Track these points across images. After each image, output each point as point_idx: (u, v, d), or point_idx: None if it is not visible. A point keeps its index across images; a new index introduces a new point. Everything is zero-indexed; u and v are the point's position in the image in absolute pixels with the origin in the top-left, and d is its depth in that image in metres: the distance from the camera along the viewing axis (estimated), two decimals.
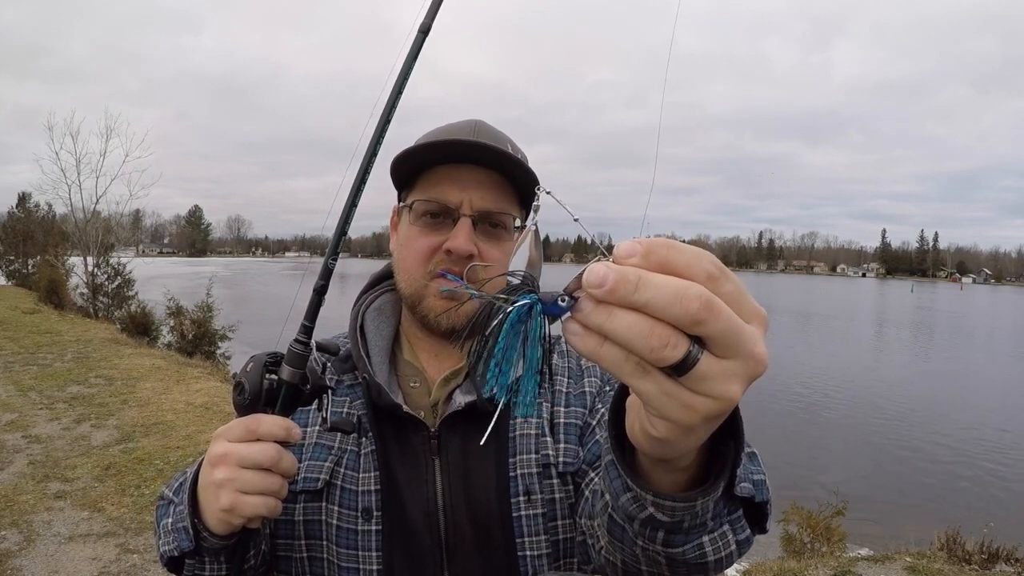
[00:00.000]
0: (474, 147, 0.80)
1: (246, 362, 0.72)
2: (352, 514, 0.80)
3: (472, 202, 0.81)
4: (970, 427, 12.74)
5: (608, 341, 0.34)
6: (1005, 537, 4.54)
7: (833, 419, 12.90)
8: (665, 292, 0.32)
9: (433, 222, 0.82)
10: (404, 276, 0.85)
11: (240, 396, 0.70)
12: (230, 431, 0.68)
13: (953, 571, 4.08)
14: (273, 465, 0.66)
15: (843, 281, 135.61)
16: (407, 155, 0.82)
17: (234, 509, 0.66)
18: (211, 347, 12.21)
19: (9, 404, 6.91)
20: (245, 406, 0.70)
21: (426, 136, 0.87)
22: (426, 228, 0.82)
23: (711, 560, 0.53)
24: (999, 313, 51.01)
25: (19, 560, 3.66)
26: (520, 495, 0.79)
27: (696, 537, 0.52)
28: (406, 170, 0.86)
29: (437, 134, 0.86)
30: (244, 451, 0.66)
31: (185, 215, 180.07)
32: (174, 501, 0.77)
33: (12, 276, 24.82)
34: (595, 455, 0.80)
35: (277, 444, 0.67)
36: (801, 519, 5.19)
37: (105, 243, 17.51)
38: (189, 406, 7.02)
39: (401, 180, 0.88)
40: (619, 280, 0.33)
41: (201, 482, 0.70)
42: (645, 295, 0.32)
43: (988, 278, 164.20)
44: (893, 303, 60.52)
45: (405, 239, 0.84)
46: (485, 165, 0.82)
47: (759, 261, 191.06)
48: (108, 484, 4.81)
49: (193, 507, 0.71)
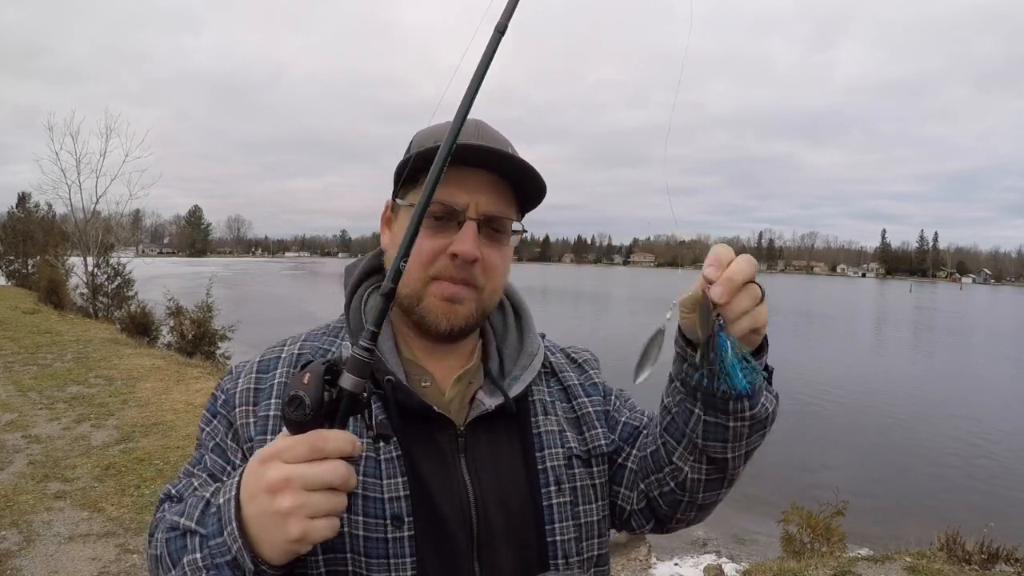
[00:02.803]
0: (494, 155, 0.81)
1: (298, 373, 0.64)
2: (380, 523, 0.77)
3: (478, 206, 0.82)
4: (970, 427, 12.74)
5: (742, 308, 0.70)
6: (1005, 537, 4.55)
7: (833, 419, 12.90)
8: (751, 282, 0.71)
9: (437, 224, 0.81)
10: (403, 277, 0.81)
11: (300, 412, 0.62)
12: (289, 451, 0.61)
13: (953, 571, 4.08)
14: (343, 484, 0.62)
15: (843, 281, 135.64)
16: (427, 156, 0.77)
17: (304, 538, 0.61)
18: (211, 347, 12.20)
19: (9, 404, 6.91)
20: (305, 423, 0.62)
21: (430, 134, 0.85)
22: (430, 230, 0.81)
23: (771, 412, 0.82)
24: (999, 313, 51.02)
25: (19, 560, 3.66)
26: (551, 485, 0.86)
27: (762, 396, 0.80)
28: (410, 168, 0.84)
29: (440, 133, 0.82)
30: (311, 472, 0.61)
31: (185, 215, 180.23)
32: (200, 532, 0.69)
33: (12, 276, 24.84)
34: (629, 432, 0.95)
35: (344, 460, 0.63)
36: (801, 519, 5.19)
37: (105, 243, 17.50)
38: (189, 406, 7.02)
39: (402, 178, 0.87)
40: (735, 287, 0.69)
41: (254, 511, 0.63)
42: (747, 283, 0.70)
43: (988, 278, 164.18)
44: (892, 303, 60.53)
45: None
46: (490, 168, 0.82)
47: (759, 261, 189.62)
48: (108, 484, 4.81)
49: (243, 538, 0.64)
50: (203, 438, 0.86)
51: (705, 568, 5.67)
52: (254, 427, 0.81)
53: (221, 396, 0.85)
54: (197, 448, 0.87)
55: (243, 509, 0.64)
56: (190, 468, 0.84)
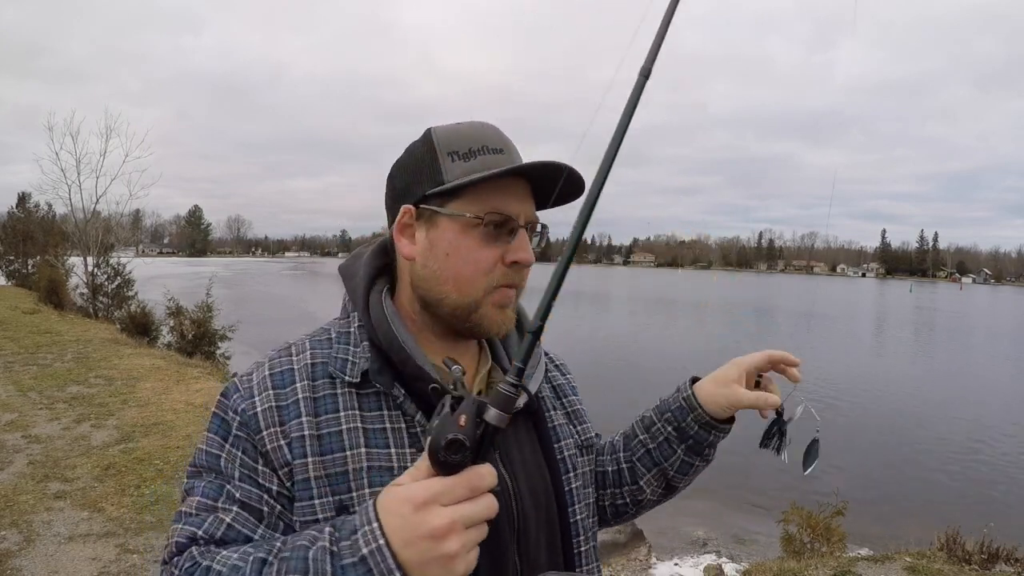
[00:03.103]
0: (557, 170, 0.81)
1: (444, 414, 0.63)
2: None
3: (525, 214, 0.84)
4: (970, 427, 12.74)
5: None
6: (1005, 537, 4.54)
7: (833, 419, 12.89)
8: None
9: (494, 233, 0.82)
10: (455, 287, 0.82)
11: (460, 455, 0.60)
12: (449, 495, 0.61)
13: (953, 571, 4.08)
14: (492, 515, 0.63)
15: (843, 281, 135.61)
16: (499, 173, 0.80)
17: (465, 574, 0.62)
18: (211, 347, 12.20)
19: (9, 404, 6.91)
20: (462, 463, 0.61)
21: (458, 136, 0.84)
22: (486, 239, 0.81)
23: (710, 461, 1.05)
24: (999, 313, 51.01)
25: (19, 560, 3.66)
26: (570, 472, 0.94)
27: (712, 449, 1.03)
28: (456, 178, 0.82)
29: (471, 138, 0.83)
30: (472, 512, 0.61)
31: (185, 215, 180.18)
32: None
33: (12, 276, 24.81)
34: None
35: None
36: (801, 519, 5.19)
37: (105, 243, 17.49)
38: (189, 406, 7.02)
39: (435, 185, 0.83)
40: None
41: (415, 558, 0.61)
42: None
43: (988, 278, 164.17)
44: (893, 303, 60.52)
45: (458, 248, 0.81)
46: (527, 177, 0.84)
47: (759, 261, 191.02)
48: (108, 484, 4.81)
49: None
50: (222, 465, 0.78)
51: (705, 568, 5.67)
52: (290, 450, 0.77)
53: (235, 417, 0.79)
54: (209, 476, 0.79)
55: (397, 556, 0.62)
56: (208, 502, 0.77)
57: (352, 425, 0.79)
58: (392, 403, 0.81)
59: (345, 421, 0.79)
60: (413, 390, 0.81)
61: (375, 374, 0.80)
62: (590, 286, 67.16)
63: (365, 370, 0.80)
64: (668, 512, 7.92)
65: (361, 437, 0.79)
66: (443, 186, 0.81)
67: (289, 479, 0.77)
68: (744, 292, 67.77)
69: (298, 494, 0.77)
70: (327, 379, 0.81)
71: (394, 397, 0.81)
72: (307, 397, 0.79)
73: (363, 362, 0.81)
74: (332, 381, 0.81)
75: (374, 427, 0.80)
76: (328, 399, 0.80)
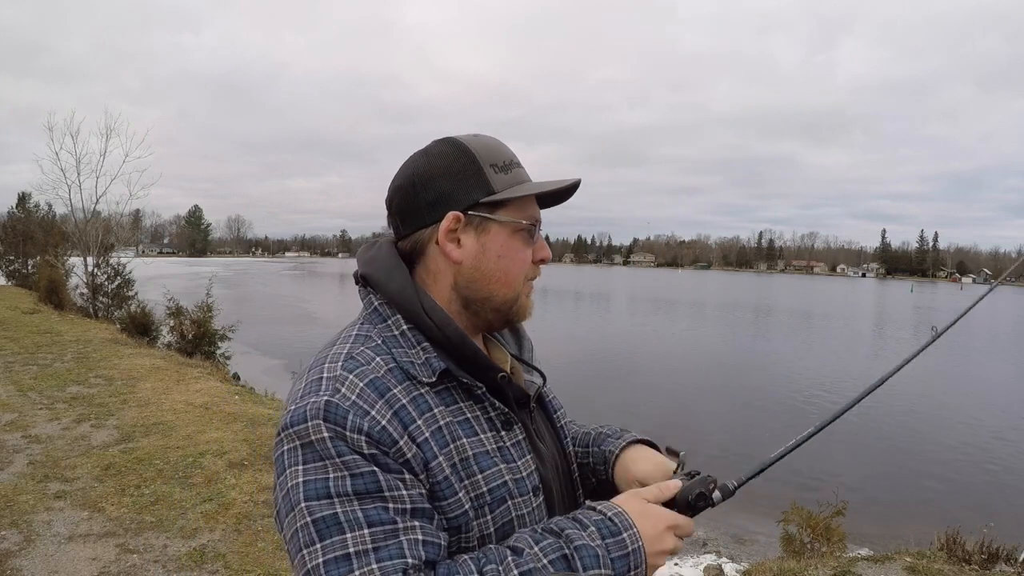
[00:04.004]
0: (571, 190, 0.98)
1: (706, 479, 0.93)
2: (528, 497, 0.90)
3: (538, 216, 0.97)
4: (971, 427, 12.74)
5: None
6: (1005, 537, 4.54)
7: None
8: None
9: (528, 236, 0.94)
10: (505, 284, 0.92)
11: (704, 506, 0.91)
12: (683, 530, 0.88)
13: (953, 571, 4.08)
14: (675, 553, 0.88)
15: (843, 281, 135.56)
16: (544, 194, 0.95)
17: None
18: (211, 347, 12.18)
19: (9, 404, 6.91)
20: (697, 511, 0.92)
21: (491, 150, 0.92)
22: (523, 242, 0.93)
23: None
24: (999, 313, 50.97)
25: (19, 560, 3.66)
26: (568, 438, 1.09)
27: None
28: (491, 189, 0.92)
29: (500, 152, 0.93)
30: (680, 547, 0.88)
31: (185, 215, 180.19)
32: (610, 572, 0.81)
33: (12, 276, 24.80)
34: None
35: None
36: (801, 519, 5.19)
37: (105, 243, 17.47)
38: (189, 406, 7.02)
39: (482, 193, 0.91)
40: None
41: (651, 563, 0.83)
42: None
43: (988, 278, 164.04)
44: (893, 303, 60.51)
45: (506, 251, 0.92)
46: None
47: (759, 261, 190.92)
48: (108, 484, 4.81)
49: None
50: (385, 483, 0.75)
51: (705, 568, 5.66)
52: (423, 453, 0.79)
53: (360, 438, 0.75)
54: (357, 503, 0.74)
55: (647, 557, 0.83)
56: (385, 528, 0.73)
57: (446, 420, 0.84)
58: (465, 394, 0.88)
59: (440, 417, 0.83)
60: (483, 380, 0.89)
61: (457, 371, 0.86)
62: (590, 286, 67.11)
63: (443, 368, 0.85)
64: None
65: (457, 429, 0.85)
66: (495, 195, 0.89)
67: (429, 481, 0.80)
68: (744, 292, 67.71)
69: (441, 492, 0.80)
70: (408, 382, 0.84)
71: (468, 389, 0.88)
72: (409, 400, 0.82)
73: (436, 361, 0.85)
74: (412, 383, 0.84)
75: (458, 419, 0.86)
76: (419, 400, 0.83)
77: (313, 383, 0.80)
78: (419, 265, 0.92)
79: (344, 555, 0.71)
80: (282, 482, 0.76)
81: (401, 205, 0.91)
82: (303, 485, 0.74)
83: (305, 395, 0.79)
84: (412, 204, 0.90)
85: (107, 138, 17.69)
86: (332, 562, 0.71)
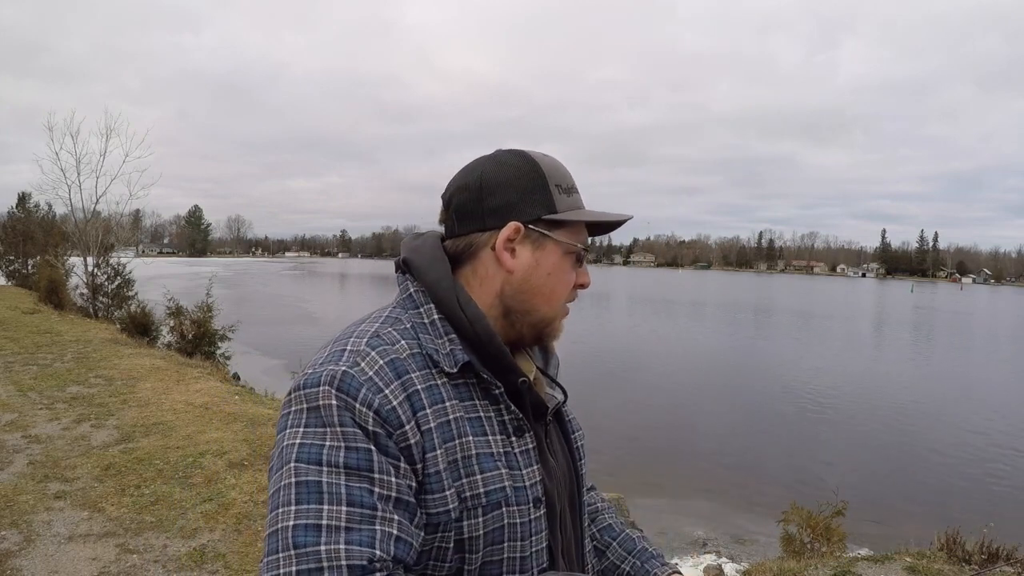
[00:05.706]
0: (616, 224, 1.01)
1: None
2: (526, 507, 0.86)
3: (587, 243, 0.99)
4: (970, 427, 12.74)
5: None
6: (1005, 537, 4.54)
7: (833, 419, 12.89)
8: None
9: (578, 261, 0.96)
10: (548, 301, 0.94)
11: None
12: None
13: (953, 571, 4.08)
14: None
15: (843, 281, 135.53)
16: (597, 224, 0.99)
17: None
18: (211, 347, 12.18)
19: (9, 404, 6.91)
20: None
21: (555, 168, 0.94)
22: (574, 266, 0.96)
23: None
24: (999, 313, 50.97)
25: (19, 560, 3.66)
26: (582, 460, 1.06)
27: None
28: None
29: (564, 175, 0.95)
30: None
31: (185, 215, 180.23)
32: None
33: (12, 276, 24.79)
34: None
35: None
36: (801, 519, 5.19)
37: (105, 243, 17.48)
38: (189, 406, 7.02)
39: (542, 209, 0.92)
40: None
41: None
42: None
43: (988, 278, 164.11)
44: (893, 303, 60.49)
45: (556, 270, 0.93)
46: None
47: (759, 261, 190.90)
48: (108, 484, 4.81)
49: None
50: (377, 464, 0.74)
51: (705, 568, 5.67)
52: (425, 443, 0.79)
53: (368, 413, 0.75)
54: (351, 478, 0.73)
55: None
56: (364, 511, 0.72)
57: (457, 415, 0.83)
58: (482, 393, 0.87)
59: (452, 411, 0.83)
60: (503, 382, 0.88)
61: (479, 366, 0.85)
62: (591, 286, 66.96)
63: (465, 361, 0.84)
64: (668, 512, 7.92)
65: (466, 425, 0.84)
66: (557, 215, 0.91)
67: (422, 472, 0.78)
68: (744, 292, 67.68)
69: (430, 486, 0.79)
70: (428, 369, 0.83)
71: (487, 387, 0.86)
72: (424, 387, 0.81)
73: (460, 353, 0.85)
74: (431, 371, 0.83)
75: (470, 416, 0.85)
76: (435, 389, 0.82)
77: (335, 353, 0.81)
78: (466, 266, 0.92)
79: (315, 525, 0.70)
80: (280, 439, 0.78)
81: (462, 205, 0.91)
82: (298, 446, 0.75)
83: (325, 362, 0.80)
84: (474, 206, 0.90)
85: (107, 138, 17.70)
86: (301, 528, 0.70)
